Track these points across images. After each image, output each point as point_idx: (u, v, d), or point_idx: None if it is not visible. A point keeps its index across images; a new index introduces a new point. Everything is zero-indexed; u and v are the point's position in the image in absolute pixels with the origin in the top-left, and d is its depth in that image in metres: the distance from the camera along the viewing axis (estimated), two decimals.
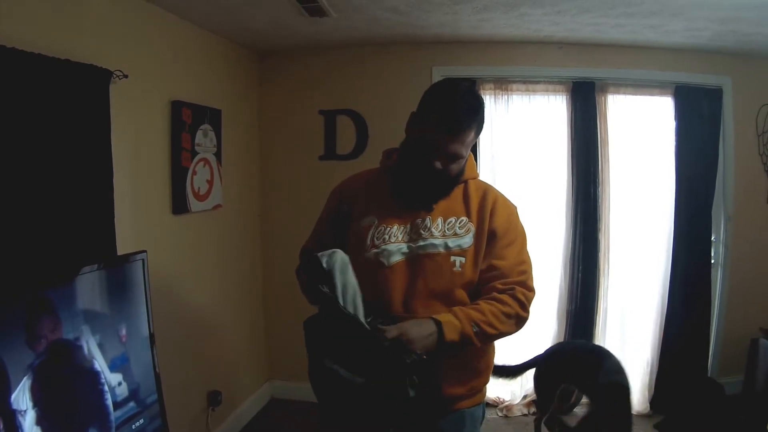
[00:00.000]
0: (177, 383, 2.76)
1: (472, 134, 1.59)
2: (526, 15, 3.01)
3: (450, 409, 1.67)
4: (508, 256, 1.64)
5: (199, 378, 3.15)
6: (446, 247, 1.60)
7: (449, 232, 1.62)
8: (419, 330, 1.48)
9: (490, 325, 1.54)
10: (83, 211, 2.14)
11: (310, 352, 1.56)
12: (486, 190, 1.72)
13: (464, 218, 1.64)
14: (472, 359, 1.68)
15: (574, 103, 3.66)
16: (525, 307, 1.63)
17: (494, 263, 1.63)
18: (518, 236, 1.69)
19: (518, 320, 1.61)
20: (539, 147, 3.75)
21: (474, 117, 1.57)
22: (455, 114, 1.54)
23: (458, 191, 1.69)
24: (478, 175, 1.77)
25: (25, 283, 1.71)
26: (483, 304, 1.57)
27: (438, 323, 1.49)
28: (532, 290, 1.66)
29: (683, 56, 3.63)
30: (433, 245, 1.60)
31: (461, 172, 1.67)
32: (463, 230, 1.63)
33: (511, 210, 1.72)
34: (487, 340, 1.59)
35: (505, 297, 1.59)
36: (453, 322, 1.50)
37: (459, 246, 1.61)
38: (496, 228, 1.64)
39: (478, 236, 1.63)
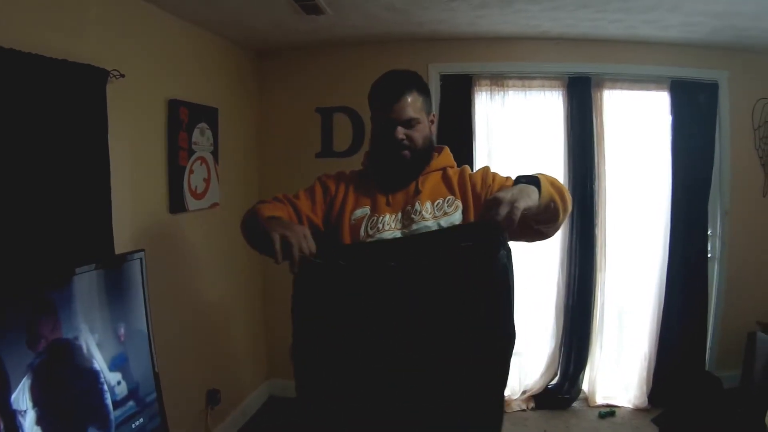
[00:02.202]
0: (176, 382, 2.76)
1: (416, 96, 1.68)
2: (522, 11, 3.02)
3: None
4: (501, 186, 1.71)
5: (198, 377, 3.15)
6: (439, 227, 1.64)
7: (439, 213, 1.67)
8: (510, 193, 1.36)
9: (559, 186, 1.56)
10: (81, 211, 2.14)
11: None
12: (462, 169, 1.79)
13: (450, 197, 1.70)
14: None
15: (571, 98, 3.67)
16: None
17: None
18: (499, 177, 1.76)
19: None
20: (536, 142, 3.75)
21: (407, 81, 1.70)
22: (388, 84, 1.71)
23: (438, 177, 1.75)
24: (455, 164, 1.83)
25: (24, 283, 1.71)
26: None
27: (533, 179, 1.45)
28: None
29: (679, 51, 3.64)
30: (427, 227, 1.64)
31: (430, 143, 1.75)
32: (451, 208, 1.67)
33: (485, 169, 1.79)
34: (560, 198, 1.53)
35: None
36: (542, 176, 1.48)
37: (451, 223, 1.65)
38: (480, 187, 1.71)
39: (465, 211, 1.68)
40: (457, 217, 1.67)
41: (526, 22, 3.23)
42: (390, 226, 1.66)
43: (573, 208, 3.56)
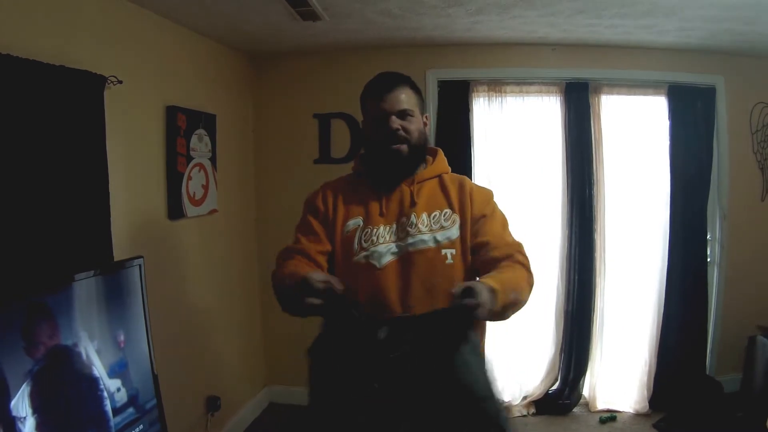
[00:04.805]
0: (175, 389, 2.75)
1: (409, 93, 1.69)
2: (519, 17, 3.02)
3: None
4: (492, 230, 1.66)
5: (197, 383, 3.14)
6: (435, 241, 1.61)
7: (435, 226, 1.64)
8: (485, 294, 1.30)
9: (520, 292, 1.49)
10: (79, 218, 2.13)
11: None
12: (461, 180, 1.76)
13: (448, 210, 1.67)
14: None
15: (568, 103, 3.67)
16: (530, 270, 1.60)
17: (481, 240, 1.63)
18: (498, 214, 1.72)
19: (530, 285, 1.58)
20: (534, 148, 3.75)
21: (400, 78, 1.71)
22: (381, 80, 1.72)
23: (435, 185, 1.72)
24: (449, 169, 1.81)
25: (23, 289, 1.71)
26: (504, 270, 1.52)
27: (493, 290, 1.33)
28: (526, 256, 1.64)
29: (676, 56, 3.65)
30: (423, 241, 1.61)
31: (425, 139, 1.73)
32: (448, 222, 1.65)
33: (488, 194, 1.76)
34: (513, 309, 1.48)
35: (509, 264, 1.56)
36: (501, 289, 1.36)
37: (448, 238, 1.62)
38: (477, 212, 1.67)
39: (463, 226, 1.65)
40: (454, 233, 1.64)
41: (523, 27, 3.24)
42: (384, 239, 1.63)
43: (573, 212, 3.60)
